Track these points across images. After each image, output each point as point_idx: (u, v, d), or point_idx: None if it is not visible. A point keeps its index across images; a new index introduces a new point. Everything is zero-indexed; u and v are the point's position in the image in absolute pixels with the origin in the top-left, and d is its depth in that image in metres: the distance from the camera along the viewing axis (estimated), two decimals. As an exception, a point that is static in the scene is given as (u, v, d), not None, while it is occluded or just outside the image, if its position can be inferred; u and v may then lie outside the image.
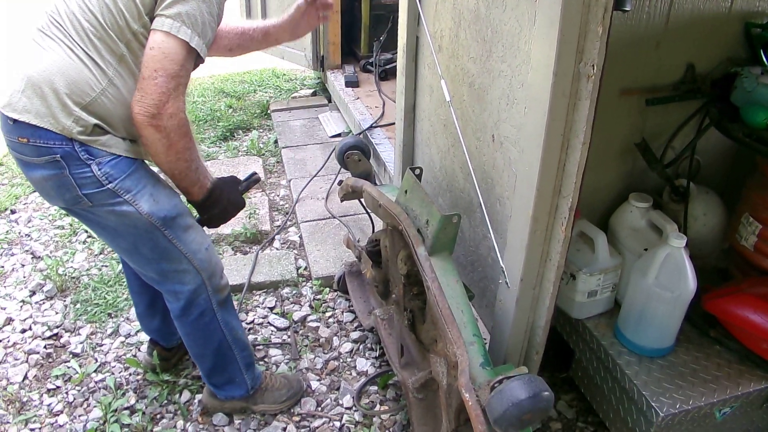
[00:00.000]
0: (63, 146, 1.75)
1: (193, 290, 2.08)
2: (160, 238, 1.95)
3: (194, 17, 1.70)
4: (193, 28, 1.70)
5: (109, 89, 1.77)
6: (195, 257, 2.03)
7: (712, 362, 2.10)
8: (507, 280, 1.90)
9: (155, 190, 1.93)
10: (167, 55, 1.68)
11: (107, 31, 1.73)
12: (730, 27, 2.29)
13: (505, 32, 1.89)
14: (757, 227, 2.21)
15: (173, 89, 1.69)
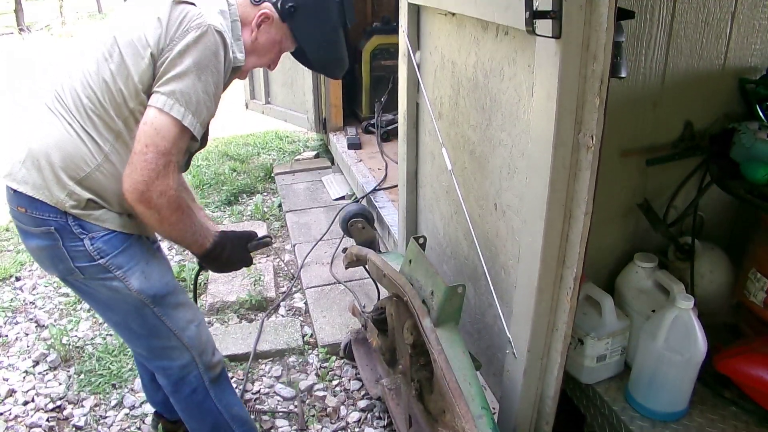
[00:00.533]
0: (57, 219, 1.79)
1: (182, 366, 2.07)
2: (149, 315, 1.96)
3: (188, 95, 1.69)
4: (187, 106, 1.69)
5: (105, 165, 1.79)
6: (183, 334, 2.03)
7: (729, 425, 2.05)
8: (514, 350, 1.88)
9: (148, 267, 1.93)
10: (159, 132, 1.67)
11: (105, 109, 1.75)
12: (724, 83, 2.31)
13: (504, 101, 1.90)
14: (765, 283, 2.19)
15: (163, 166, 1.68)
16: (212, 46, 1.73)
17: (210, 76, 1.74)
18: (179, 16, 1.72)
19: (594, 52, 1.47)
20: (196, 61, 1.70)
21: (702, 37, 2.18)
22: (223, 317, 3.38)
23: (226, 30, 1.80)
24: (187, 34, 1.70)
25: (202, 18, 1.72)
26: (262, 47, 2.01)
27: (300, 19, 2.00)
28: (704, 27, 2.17)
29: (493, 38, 1.91)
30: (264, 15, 1.95)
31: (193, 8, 1.73)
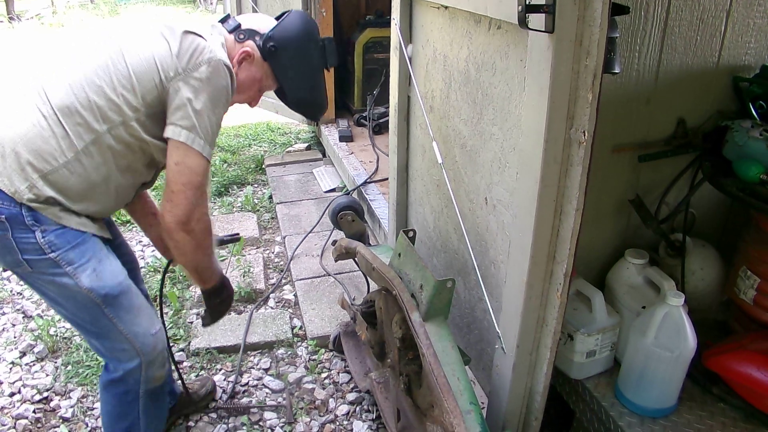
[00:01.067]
0: (10, 208, 1.74)
1: (127, 370, 2.02)
2: (100, 316, 1.91)
3: (206, 129, 1.81)
4: (206, 139, 1.81)
5: (74, 164, 1.78)
6: (137, 339, 1.98)
7: (717, 421, 2.05)
8: (503, 345, 1.87)
9: (100, 265, 1.89)
10: (193, 170, 1.81)
11: (93, 111, 1.77)
12: (718, 81, 2.31)
13: (496, 95, 1.89)
14: (755, 281, 2.19)
15: (200, 197, 1.85)
16: (223, 80, 1.83)
17: (221, 108, 1.87)
18: (190, 47, 1.80)
19: (587, 48, 1.46)
20: (211, 96, 1.80)
21: (696, 34, 2.18)
22: (212, 309, 3.36)
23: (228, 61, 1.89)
24: (199, 67, 1.78)
25: (213, 53, 1.81)
26: (242, 84, 2.03)
27: (281, 59, 2.06)
28: (699, 24, 2.16)
29: (486, 32, 1.89)
30: (245, 53, 2.01)
31: (202, 41, 1.82)
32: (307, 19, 2.15)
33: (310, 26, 2.14)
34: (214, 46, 1.84)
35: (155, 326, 2.05)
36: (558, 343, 1.84)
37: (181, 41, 1.80)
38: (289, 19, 2.10)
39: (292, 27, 2.08)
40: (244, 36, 2.03)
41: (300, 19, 2.11)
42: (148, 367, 2.04)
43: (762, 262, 2.19)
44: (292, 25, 2.08)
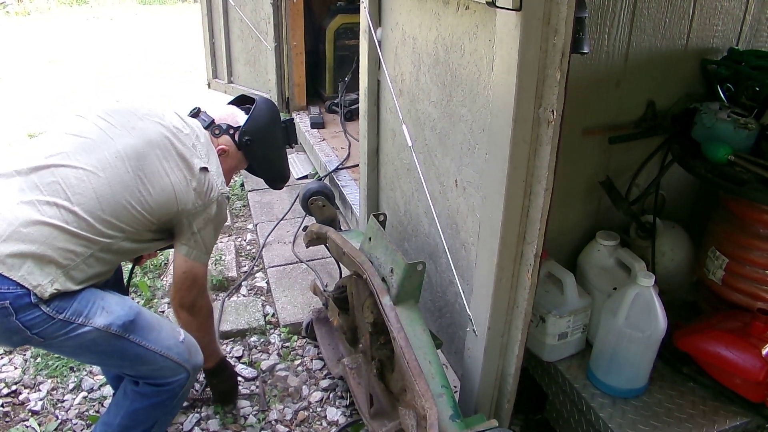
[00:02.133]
0: (14, 291, 1.73)
1: (181, 383, 2.11)
2: (128, 346, 1.95)
3: (209, 243, 2.17)
4: (207, 251, 2.18)
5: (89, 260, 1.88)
6: (172, 352, 2.04)
7: (687, 400, 2.07)
8: (474, 328, 1.87)
9: (104, 302, 1.92)
10: (197, 277, 2.18)
11: (114, 223, 1.90)
12: (687, 64, 2.32)
13: (465, 77, 1.88)
14: (723, 261, 2.21)
15: (200, 292, 2.22)
16: (225, 211, 2.20)
17: (221, 229, 2.26)
18: (205, 185, 2.07)
19: (555, 26, 1.45)
20: (216, 227, 2.17)
21: (665, 16, 2.18)
22: (184, 298, 3.33)
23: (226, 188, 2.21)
24: (210, 205, 2.09)
25: (218, 189, 2.11)
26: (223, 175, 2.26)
27: (254, 148, 2.35)
28: (668, 6, 2.17)
29: (454, 12, 1.87)
30: (222, 150, 2.27)
31: (213, 177, 2.10)
32: (271, 106, 2.46)
33: (274, 113, 2.46)
34: (217, 175, 2.12)
35: (180, 333, 2.13)
36: (529, 325, 1.84)
37: (199, 180, 2.05)
38: (257, 111, 2.38)
39: (261, 118, 2.38)
40: (219, 132, 2.30)
41: (266, 109, 2.42)
42: (195, 370, 2.16)
43: (730, 242, 2.20)
44: (261, 117, 2.39)
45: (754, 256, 2.15)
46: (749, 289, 2.19)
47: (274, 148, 2.45)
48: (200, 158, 2.10)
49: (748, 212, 2.14)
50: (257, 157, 2.39)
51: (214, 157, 2.18)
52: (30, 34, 10.13)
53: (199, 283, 2.19)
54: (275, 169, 2.53)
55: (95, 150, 1.94)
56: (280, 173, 2.57)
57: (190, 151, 2.08)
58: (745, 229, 2.16)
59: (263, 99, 2.47)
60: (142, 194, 1.94)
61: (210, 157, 2.15)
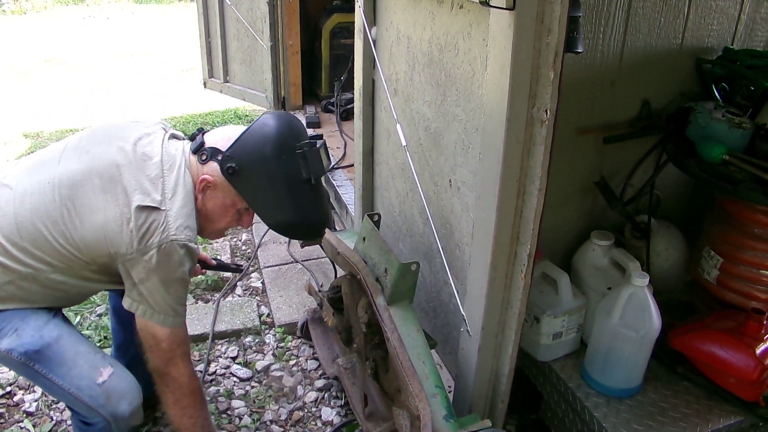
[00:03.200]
0: None
1: (102, 428, 1.87)
2: (34, 375, 1.80)
3: (163, 307, 1.78)
4: (166, 313, 1.79)
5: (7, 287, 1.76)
6: (82, 394, 1.81)
7: (681, 399, 2.08)
8: (468, 328, 1.87)
9: (23, 323, 1.78)
10: (156, 338, 1.82)
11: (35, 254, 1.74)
12: (682, 63, 2.32)
13: (459, 76, 1.88)
14: (718, 261, 2.21)
15: (170, 360, 1.85)
16: (175, 263, 1.75)
17: (179, 285, 1.80)
18: (143, 225, 1.70)
19: (548, 25, 1.45)
20: (163, 280, 1.75)
21: (660, 15, 2.18)
22: (179, 298, 3.32)
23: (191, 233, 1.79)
24: (148, 251, 1.71)
25: (165, 233, 1.71)
26: (213, 213, 1.92)
27: (245, 181, 1.85)
28: (662, 6, 2.17)
29: (448, 12, 1.87)
30: (204, 181, 1.85)
31: (157, 217, 1.72)
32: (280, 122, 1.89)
33: (279, 134, 1.86)
34: (171, 217, 1.74)
35: (101, 374, 1.83)
36: (523, 325, 1.84)
37: (135, 219, 1.70)
38: (252, 129, 1.87)
39: (254, 140, 1.84)
40: (206, 157, 1.85)
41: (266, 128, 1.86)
42: (116, 419, 1.84)
43: (725, 242, 2.21)
44: (255, 138, 1.85)
45: (749, 256, 2.15)
46: (744, 288, 2.19)
47: (279, 182, 1.85)
48: (150, 194, 1.74)
49: (742, 212, 2.14)
50: (252, 193, 1.86)
51: (181, 194, 1.79)
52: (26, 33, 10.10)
53: (162, 347, 1.82)
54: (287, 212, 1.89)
55: (37, 172, 1.80)
56: (298, 218, 1.92)
57: (143, 184, 1.75)
58: (739, 229, 2.16)
59: (273, 113, 1.94)
60: (67, 228, 1.72)
61: (176, 192, 1.78)
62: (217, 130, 1.95)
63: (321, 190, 2.00)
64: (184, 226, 1.75)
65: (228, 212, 1.92)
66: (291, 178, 1.86)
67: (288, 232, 2.08)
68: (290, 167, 1.85)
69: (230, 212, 1.93)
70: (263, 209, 1.89)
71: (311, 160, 1.87)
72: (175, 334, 1.84)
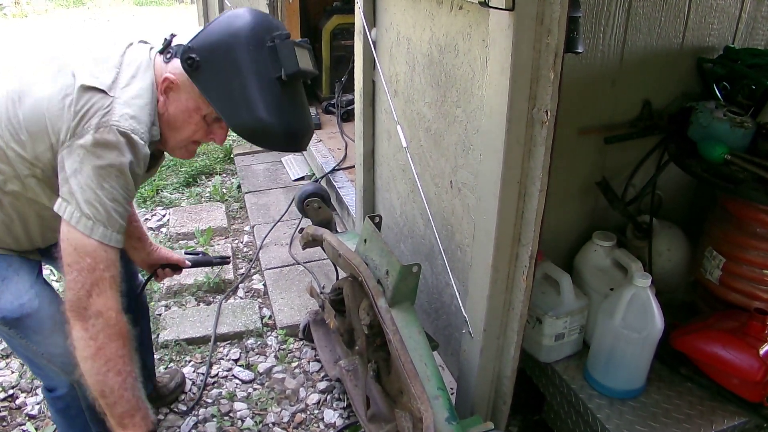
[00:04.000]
0: None
1: (66, 394, 1.84)
2: (8, 338, 1.77)
3: (94, 207, 1.50)
4: (96, 219, 1.50)
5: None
6: (55, 360, 1.77)
7: (684, 400, 2.07)
8: (470, 330, 1.86)
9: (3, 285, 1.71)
10: (77, 249, 1.51)
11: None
12: (683, 62, 2.31)
13: (459, 77, 1.87)
14: (721, 261, 2.20)
15: (95, 284, 1.52)
16: (113, 151, 1.51)
17: (115, 181, 1.53)
18: (84, 106, 1.52)
19: (548, 26, 1.45)
20: (96, 169, 1.50)
21: (661, 15, 2.17)
22: (181, 300, 3.31)
23: (138, 125, 1.57)
24: (85, 134, 1.50)
25: (107, 116, 1.51)
26: (175, 119, 1.68)
27: (205, 74, 1.59)
28: (663, 5, 2.16)
29: (448, 13, 1.87)
30: (166, 81, 1.63)
31: (99, 99, 1.53)
32: (249, 16, 1.64)
33: (249, 24, 1.62)
34: (117, 104, 1.54)
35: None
36: (526, 326, 1.83)
37: (77, 100, 1.52)
38: (220, 20, 1.65)
39: (220, 29, 1.62)
40: (171, 54, 1.64)
41: (235, 18, 1.63)
42: (81, 386, 1.72)
43: (727, 242, 2.20)
44: (221, 27, 1.62)
45: (751, 256, 2.14)
46: (746, 288, 2.18)
47: (241, 75, 1.58)
48: (99, 77, 1.56)
49: (744, 211, 2.13)
50: (212, 90, 1.59)
51: (136, 88, 1.60)
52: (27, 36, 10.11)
53: (84, 265, 1.51)
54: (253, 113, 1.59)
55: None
56: (264, 122, 1.60)
57: (95, 70, 1.58)
58: (742, 229, 2.15)
59: (244, 9, 1.68)
60: (11, 120, 1.57)
61: (130, 84, 1.60)
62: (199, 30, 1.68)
63: (296, 93, 1.72)
64: (130, 115, 1.55)
65: (192, 118, 1.67)
66: (259, 73, 1.59)
67: (256, 138, 1.67)
68: (259, 61, 1.59)
69: (194, 118, 1.67)
70: (226, 109, 1.60)
71: (283, 55, 1.60)
72: (105, 251, 1.53)
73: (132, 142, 1.54)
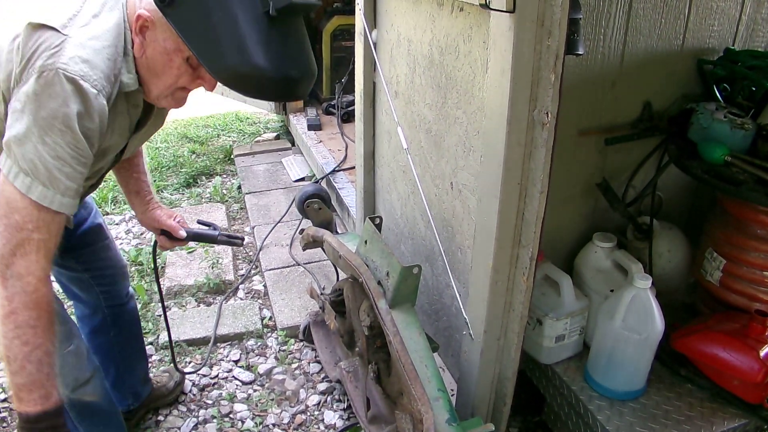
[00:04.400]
0: None
1: None
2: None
3: (33, 163, 1.33)
4: (34, 175, 1.33)
5: None
6: None
7: (685, 402, 2.07)
8: (471, 331, 1.86)
9: None
10: (8, 203, 1.35)
11: None
12: (683, 64, 2.32)
13: (459, 78, 1.87)
14: (721, 262, 2.21)
15: (19, 244, 1.35)
16: (57, 100, 1.32)
17: (59, 136, 1.34)
18: (32, 47, 1.34)
19: (549, 28, 1.45)
20: (37, 120, 1.32)
21: (661, 17, 2.18)
22: (181, 301, 3.32)
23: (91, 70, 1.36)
24: (29, 79, 1.32)
25: (53, 58, 1.32)
26: (154, 62, 1.48)
27: (184, 11, 1.37)
28: (663, 7, 2.16)
29: (449, 14, 1.87)
30: (140, 18, 1.42)
31: (49, 38, 1.34)
32: None
33: None
34: (70, 43, 1.35)
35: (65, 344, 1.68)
36: (526, 327, 1.83)
37: (24, 36, 1.35)
38: None
39: None
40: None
41: None
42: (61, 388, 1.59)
43: (727, 243, 2.20)
44: None
45: (752, 258, 2.14)
46: (747, 290, 2.18)
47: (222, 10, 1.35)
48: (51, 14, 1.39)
49: (745, 213, 2.13)
50: (188, 28, 1.36)
51: (97, 27, 1.41)
52: None
53: (12, 222, 1.36)
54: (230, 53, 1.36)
55: None
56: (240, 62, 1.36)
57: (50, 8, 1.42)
58: (742, 230, 2.15)
59: None
60: None
61: (90, 24, 1.41)
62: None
63: (291, 30, 1.47)
64: (83, 59, 1.35)
65: (173, 61, 1.46)
66: (243, 9, 1.36)
67: (242, 85, 1.43)
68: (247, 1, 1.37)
69: (176, 61, 1.46)
70: (206, 53, 1.37)
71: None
72: (39, 211, 1.36)
73: (81, 90, 1.34)
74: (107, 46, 1.41)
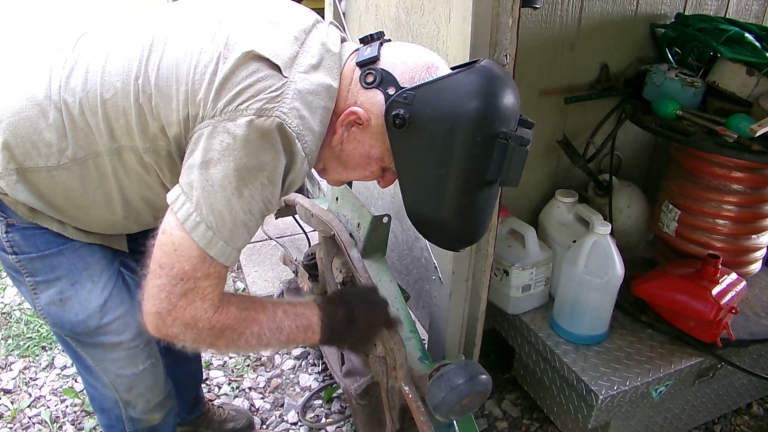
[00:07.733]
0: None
1: (109, 405, 1.69)
2: (63, 340, 1.57)
3: (221, 216, 1.16)
4: (217, 230, 1.16)
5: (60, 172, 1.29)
6: (107, 374, 1.60)
7: (645, 344, 2.16)
8: (440, 275, 1.93)
9: (72, 289, 1.45)
10: (177, 250, 1.17)
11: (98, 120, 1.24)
12: (637, 29, 2.42)
13: (424, 35, 1.95)
14: (676, 213, 2.31)
15: (181, 294, 1.18)
16: (270, 151, 1.16)
17: (259, 190, 1.17)
18: (246, 79, 1.15)
19: (507, -25, 1.52)
20: (238, 168, 1.14)
21: (616, -18, 2.27)
22: (155, 279, 3.35)
23: (305, 131, 1.18)
24: (239, 117, 1.13)
25: (273, 103, 1.14)
26: (348, 159, 1.33)
27: (412, 142, 1.23)
28: (618, -27, 2.26)
29: (413, -27, 1.95)
30: (353, 115, 1.25)
31: (269, 77, 1.16)
32: (494, 90, 1.22)
33: (490, 105, 1.21)
34: (289, 89, 1.16)
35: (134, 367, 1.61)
36: (493, 278, 1.90)
37: (235, 68, 1.15)
38: (456, 79, 1.22)
39: (451, 96, 1.20)
40: (374, 80, 1.23)
41: (476, 86, 1.20)
42: (127, 406, 1.65)
43: (682, 195, 2.31)
44: (453, 93, 1.20)
45: (705, 207, 2.26)
46: (701, 238, 2.30)
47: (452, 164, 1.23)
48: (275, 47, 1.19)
49: (697, 165, 2.24)
50: (407, 158, 1.25)
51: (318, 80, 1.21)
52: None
53: (177, 270, 1.17)
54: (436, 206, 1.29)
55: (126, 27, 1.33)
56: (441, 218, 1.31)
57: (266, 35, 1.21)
58: (695, 182, 2.26)
59: (496, 67, 1.28)
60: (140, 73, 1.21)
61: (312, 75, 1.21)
62: (403, 48, 1.32)
63: (492, 195, 1.37)
64: (300, 114, 1.17)
65: (370, 165, 1.33)
66: (472, 170, 1.24)
67: (426, 232, 1.42)
68: (479, 156, 1.22)
69: (373, 166, 1.34)
70: (414, 190, 1.30)
71: (512, 163, 1.26)
72: (211, 263, 1.19)
73: (292, 150, 1.18)
74: (323, 107, 1.22)
